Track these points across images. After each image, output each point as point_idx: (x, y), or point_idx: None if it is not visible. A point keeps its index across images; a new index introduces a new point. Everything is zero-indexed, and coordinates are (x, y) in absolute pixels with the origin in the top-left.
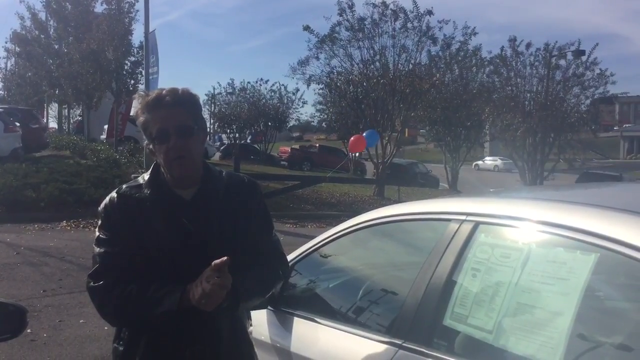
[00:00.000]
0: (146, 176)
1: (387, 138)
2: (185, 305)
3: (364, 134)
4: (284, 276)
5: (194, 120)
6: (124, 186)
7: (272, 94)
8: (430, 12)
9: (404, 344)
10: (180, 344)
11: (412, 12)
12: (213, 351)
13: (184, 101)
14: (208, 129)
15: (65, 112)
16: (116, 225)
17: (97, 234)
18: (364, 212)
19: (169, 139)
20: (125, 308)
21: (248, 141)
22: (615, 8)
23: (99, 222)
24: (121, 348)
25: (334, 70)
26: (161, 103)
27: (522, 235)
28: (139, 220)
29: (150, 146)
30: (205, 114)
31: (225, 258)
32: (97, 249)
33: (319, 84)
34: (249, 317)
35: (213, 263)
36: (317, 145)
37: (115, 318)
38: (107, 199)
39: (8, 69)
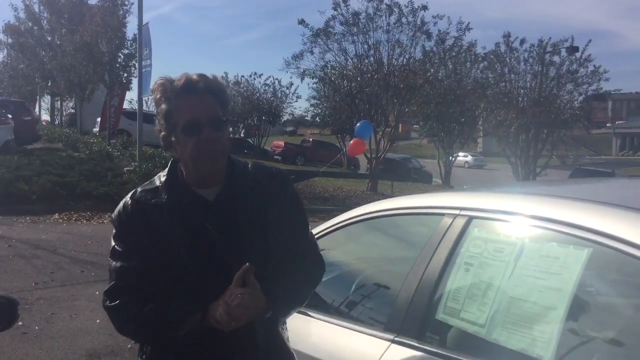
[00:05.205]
0: (163, 176)
1: (380, 133)
2: (207, 326)
3: (356, 126)
4: (319, 280)
5: (223, 110)
6: (139, 189)
7: (266, 88)
8: (424, 7)
9: (396, 338)
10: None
11: (407, 7)
12: None
13: (216, 89)
14: None
15: (58, 104)
16: (131, 234)
17: (112, 244)
18: (357, 207)
19: (202, 131)
20: (145, 329)
21: (242, 135)
22: (608, 5)
23: (113, 230)
24: None
25: (328, 65)
26: (194, 88)
27: (516, 230)
28: (157, 227)
29: (173, 138)
30: None
31: (246, 265)
32: (112, 263)
33: (313, 79)
34: (284, 322)
35: (236, 276)
36: (311, 139)
37: (136, 338)
38: (121, 204)
39: (0, 60)
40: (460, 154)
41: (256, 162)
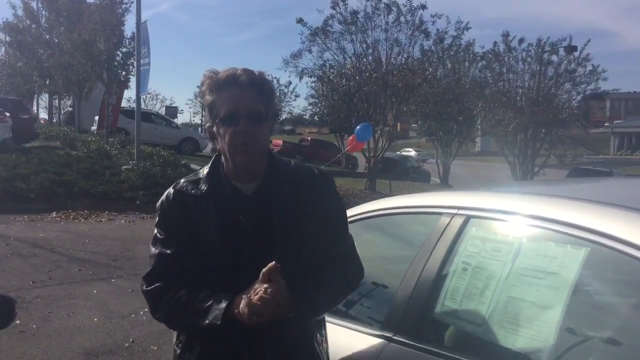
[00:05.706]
0: (206, 169)
1: (379, 132)
2: (232, 318)
3: (356, 129)
4: (356, 285)
5: (265, 106)
6: (182, 180)
7: None
8: (423, 7)
9: (394, 337)
10: (237, 354)
11: (405, 6)
12: None
13: (259, 83)
14: (200, 122)
15: (56, 102)
16: (172, 224)
17: (155, 231)
18: (356, 206)
19: (238, 122)
20: (174, 315)
21: None
22: (607, 4)
23: (157, 218)
24: (178, 351)
25: (327, 64)
26: (235, 81)
27: (513, 229)
28: (194, 217)
29: (214, 128)
30: (197, 107)
31: (272, 264)
32: (152, 249)
33: (311, 77)
34: (323, 326)
35: (261, 272)
36: (309, 138)
37: (167, 323)
38: (165, 194)
39: None
40: (409, 149)
41: (298, 162)
